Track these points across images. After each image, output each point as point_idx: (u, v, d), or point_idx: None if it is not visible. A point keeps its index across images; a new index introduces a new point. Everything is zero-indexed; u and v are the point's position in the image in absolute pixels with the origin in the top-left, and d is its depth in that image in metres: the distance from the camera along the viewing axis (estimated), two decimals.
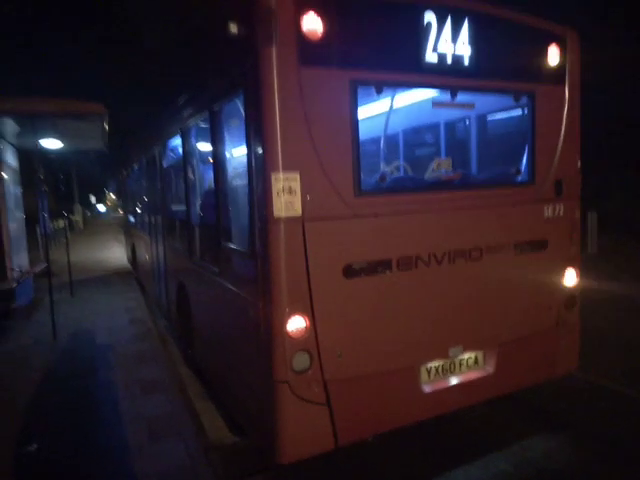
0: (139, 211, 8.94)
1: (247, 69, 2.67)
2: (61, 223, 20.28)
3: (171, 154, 5.78)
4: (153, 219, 6.91)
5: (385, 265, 2.91)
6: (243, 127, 2.82)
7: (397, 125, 4.35)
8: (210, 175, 3.83)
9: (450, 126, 4.46)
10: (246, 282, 2.99)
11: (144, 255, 8.27)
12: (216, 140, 3.50)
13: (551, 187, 3.54)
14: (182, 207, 4.82)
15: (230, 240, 3.39)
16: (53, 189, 16.78)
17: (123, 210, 13.31)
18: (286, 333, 2.65)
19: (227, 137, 3.48)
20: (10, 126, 7.48)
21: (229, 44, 2.92)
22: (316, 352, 2.73)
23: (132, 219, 10.27)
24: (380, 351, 2.95)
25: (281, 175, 2.55)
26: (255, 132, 2.68)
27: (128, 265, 11.73)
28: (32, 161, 10.64)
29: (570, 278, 3.67)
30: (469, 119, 4.21)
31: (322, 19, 2.58)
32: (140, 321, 7.10)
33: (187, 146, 4.57)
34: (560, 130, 3.54)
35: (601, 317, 6.31)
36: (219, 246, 3.50)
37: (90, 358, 5.52)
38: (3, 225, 7.99)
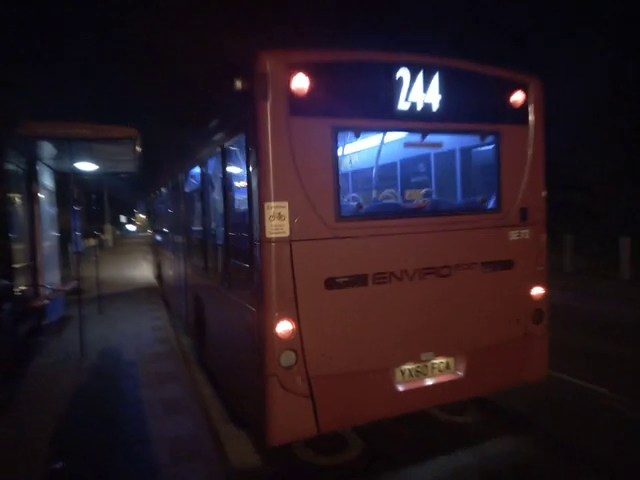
0: (164, 231, 9.75)
1: (248, 117, 3.26)
2: (92, 241, 20.82)
3: (190, 182, 6.39)
4: (176, 239, 7.69)
5: (362, 279, 3.40)
6: (245, 163, 3.41)
7: (377, 160, 4.88)
8: (221, 201, 4.34)
9: (425, 160, 5.02)
10: (247, 292, 3.52)
11: (168, 271, 9.15)
12: (225, 172, 4.08)
13: (516, 214, 4.00)
14: (199, 228, 5.45)
15: (236, 257, 3.87)
16: (86, 209, 17.25)
17: (151, 230, 14.32)
18: (275, 334, 3.17)
19: (233, 170, 4.07)
20: (48, 149, 7.79)
21: (235, 96, 3.50)
22: (301, 351, 3.23)
23: (158, 238, 11.15)
24: (358, 353, 3.42)
25: (272, 204, 3.13)
26: (252, 168, 3.29)
27: (154, 282, 12.38)
28: (67, 182, 11.07)
29: (537, 294, 4.07)
30: (442, 154, 4.77)
31: (309, 78, 3.15)
32: (165, 340, 7.17)
33: (203, 176, 5.19)
34: (525, 164, 4.03)
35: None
36: (228, 263, 4.06)
37: (116, 376, 5.60)
38: (38, 244, 8.26)
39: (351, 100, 3.39)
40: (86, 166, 8.43)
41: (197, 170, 5.56)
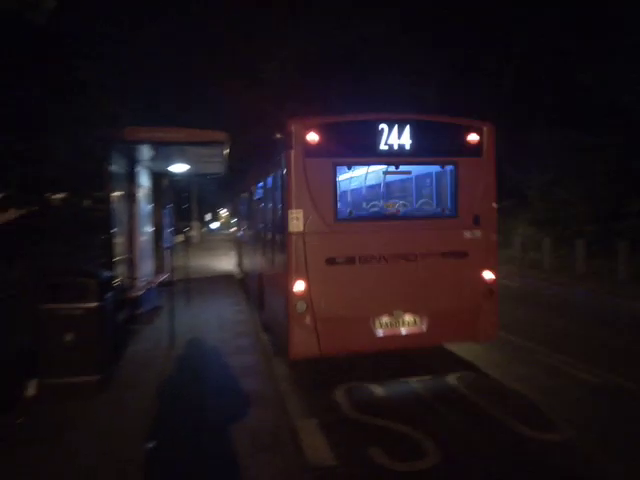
0: (242, 228, 12.83)
1: (282, 157, 5.42)
2: (180, 237, 22.10)
3: (257, 193, 8.61)
4: (247, 233, 10.87)
5: (351, 259, 5.33)
6: (280, 185, 5.67)
7: (365, 182, 6.81)
8: (271, 208, 6.65)
9: (404, 181, 7.03)
10: (282, 266, 5.54)
11: (244, 257, 12.17)
12: (274, 190, 6.39)
13: (470, 219, 5.69)
14: (262, 226, 7.82)
15: (277, 244, 6.08)
16: (176, 207, 18.34)
17: (237, 227, 16.92)
18: (293, 290, 5.17)
19: (277, 189, 6.06)
20: (146, 152, 8.39)
21: (277, 143, 5.82)
22: (310, 302, 5.20)
23: (239, 234, 14.25)
24: (348, 306, 5.32)
25: (294, 211, 5.19)
26: (283, 188, 5.42)
27: (235, 275, 14.74)
28: (161, 182, 11.83)
29: (488, 277, 5.72)
30: (418, 177, 6.75)
31: (317, 134, 5.19)
32: (246, 334, 7.46)
33: (263, 190, 7.68)
34: (478, 184, 5.73)
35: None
36: (274, 247, 6.34)
37: (201, 366, 5.91)
38: (135, 239, 8.91)
39: (345, 145, 5.35)
40: (179, 167, 8.99)
41: (260, 186, 8.05)
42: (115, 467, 3.62)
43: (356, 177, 6.95)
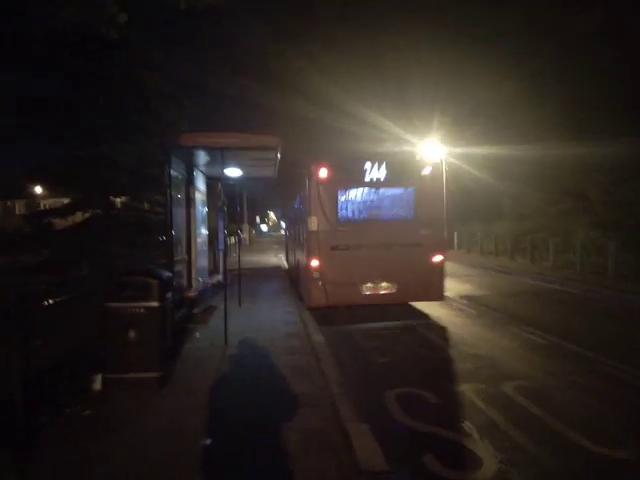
0: (288, 230, 17.77)
1: (305, 184, 9.28)
2: (233, 239, 22.60)
3: (294, 204, 12.66)
4: (291, 233, 14.72)
5: (347, 247, 8.85)
6: (304, 201, 9.52)
7: (362, 197, 9.42)
8: (301, 215, 10.31)
9: (385, 198, 9.38)
10: (306, 251, 9.23)
11: (289, 251, 15.95)
12: (300, 204, 10.56)
13: (424, 221, 9.01)
14: (298, 228, 11.53)
15: (304, 238, 9.76)
16: (229, 210, 18.81)
17: (283, 230, 20.64)
18: (311, 265, 8.83)
19: (302, 203, 9.93)
20: (202, 157, 8.62)
21: (301, 174, 9.83)
22: (320, 273, 8.79)
23: (286, 234, 19.21)
24: (345, 276, 8.81)
25: (312, 217, 8.87)
26: (305, 204, 9.29)
27: (283, 275, 16.77)
28: (215, 186, 12.13)
29: (436, 259, 9.03)
30: (393, 195, 9.35)
31: (326, 169, 8.90)
32: (297, 335, 7.52)
33: (296, 203, 11.87)
34: (431, 200, 9.03)
35: None
36: (301, 241, 10.35)
37: (254, 366, 6.01)
38: (192, 240, 9.18)
39: (347, 177, 9.01)
40: (233, 172, 9.18)
41: (295, 200, 12.29)
42: (175, 461, 3.74)
43: (352, 196, 9.75)
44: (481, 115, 22.73)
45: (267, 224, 77.64)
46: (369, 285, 8.99)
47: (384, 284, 9.03)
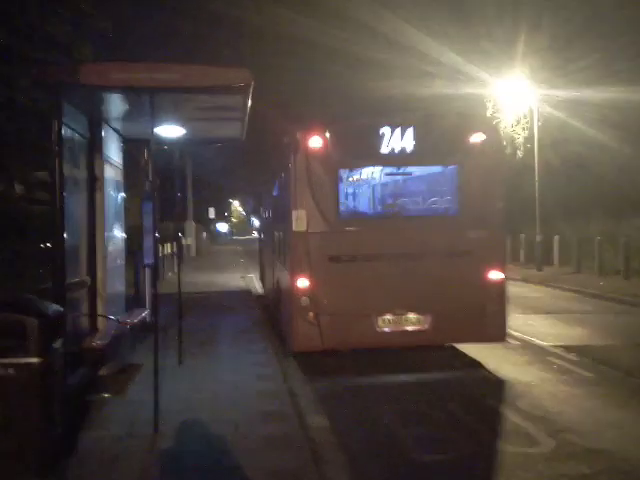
0: (263, 232, 19.82)
1: (288, 161, 10.10)
2: (168, 248, 22.52)
3: (275, 191, 13.90)
4: (268, 237, 16.12)
5: (353, 257, 9.60)
6: (288, 188, 10.34)
7: (377, 181, 11.48)
8: (281, 208, 11.95)
9: (409, 182, 11.25)
10: (289, 264, 10.38)
11: (266, 268, 17.75)
12: (282, 192, 11.93)
13: (475, 219, 9.61)
14: (278, 228, 12.78)
15: (286, 246, 10.98)
16: (163, 198, 18.72)
17: (259, 232, 22.09)
18: (297, 286, 9.60)
19: (284, 191, 11.17)
20: (118, 104, 8.55)
21: (284, 147, 10.96)
22: (311, 298, 9.41)
23: (260, 238, 21.75)
24: (350, 304, 9.48)
25: (298, 212, 9.59)
26: (288, 192, 10.14)
27: (253, 302, 18.46)
28: (138, 157, 12.03)
29: (494, 275, 9.66)
30: (418, 178, 11.04)
31: (322, 138, 9.60)
32: (279, 415, 7.46)
33: (277, 190, 13.25)
34: (485, 184, 9.58)
35: None
36: (283, 250, 11.77)
37: (206, 471, 5.89)
38: (99, 249, 9.07)
39: (350, 149, 9.71)
40: (170, 131, 9.09)
41: (274, 187, 13.94)
42: None
43: (361, 179, 11.63)
44: (597, 37, 22.88)
45: (229, 222, 77.86)
46: (388, 318, 9.55)
47: (411, 316, 9.59)
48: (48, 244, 7.19)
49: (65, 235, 7.36)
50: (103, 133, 9.47)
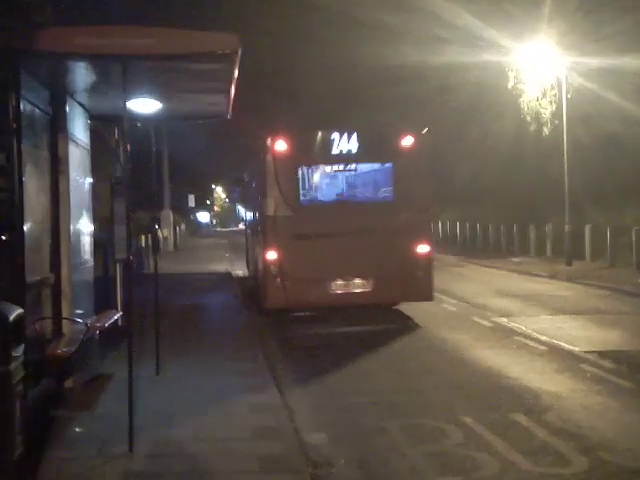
0: (248, 226, 26.19)
1: (260, 159, 17.09)
2: (142, 240, 22.52)
3: (253, 183, 21.48)
4: (252, 227, 23.16)
5: (312, 235, 15.15)
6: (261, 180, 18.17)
7: (330, 174, 16.61)
8: (256, 197, 20.11)
9: (356, 175, 16.67)
10: (262, 240, 17.11)
11: (250, 261, 23.77)
12: (257, 184, 19.94)
13: (407, 204, 15.18)
14: (255, 215, 20.81)
15: (260, 227, 18.41)
16: (136, 184, 18.78)
17: (245, 224, 25.40)
18: (268, 258, 15.77)
19: (258, 183, 18.94)
20: (84, 75, 8.50)
21: (257, 149, 18.44)
22: (279, 267, 15.40)
23: (247, 231, 26.10)
24: (309, 271, 15.10)
25: (268, 199, 15.70)
26: (261, 183, 17.18)
27: (239, 302, 20.24)
28: (107, 135, 11.98)
29: (422, 249, 15.47)
30: (363, 172, 16.60)
31: (286, 141, 15.61)
32: (274, 432, 7.47)
33: (254, 183, 21.33)
34: (415, 176, 15.11)
35: None
36: (259, 231, 19.13)
37: None
38: (63, 243, 9.03)
39: (308, 150, 15.54)
40: (144, 106, 9.03)
41: (254, 180, 21.65)
42: None
43: (317, 173, 15.58)
44: None
45: (211, 211, 77.75)
46: (339, 282, 14.97)
47: (357, 281, 15.01)
48: (4, 237, 7.12)
49: (25, 227, 7.33)
50: (68, 108, 9.39)
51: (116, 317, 10.17)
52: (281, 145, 13.11)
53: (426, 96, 38.32)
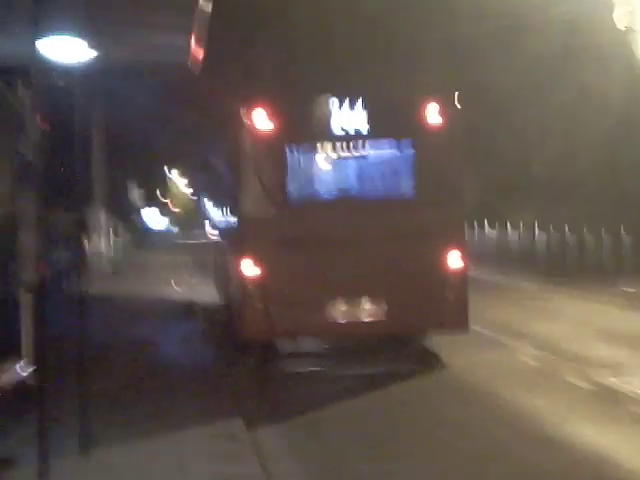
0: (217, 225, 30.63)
1: (231, 138, 19.72)
2: (64, 253, 22.60)
3: (223, 169, 24.82)
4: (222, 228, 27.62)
5: (304, 242, 15.75)
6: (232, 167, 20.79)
7: (328, 159, 17.48)
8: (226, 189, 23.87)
9: (364, 161, 17.58)
10: (235, 249, 19.59)
11: (217, 273, 29.28)
12: (227, 171, 23.16)
13: (432, 199, 15.73)
14: (225, 212, 25.18)
15: (233, 231, 21.06)
16: (52, 168, 18.85)
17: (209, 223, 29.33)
18: (244, 272, 16.71)
19: (228, 170, 21.69)
20: None
21: (228, 123, 21.36)
22: (260, 284, 16.31)
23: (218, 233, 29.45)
24: (300, 290, 16.06)
25: (243, 194, 16.94)
26: (233, 172, 19.76)
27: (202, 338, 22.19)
28: (11, 98, 11.91)
29: (453, 258, 15.97)
30: (373, 156, 17.48)
31: (267, 112, 16.67)
32: None
33: (223, 169, 25.22)
34: (443, 161, 15.54)
35: None
36: (231, 237, 22.81)
37: None
38: None
39: (298, 125, 16.31)
40: (67, 50, 8.85)
41: (222, 164, 25.57)
42: None
43: (311, 157, 15.74)
44: None
45: (165, 208, 78.52)
46: (341, 306, 14.80)
47: (366, 304, 14.81)
48: None
49: None
50: None
51: (20, 370, 10.01)
52: (261, 117, 12.57)
53: (489, 40, 38.31)
